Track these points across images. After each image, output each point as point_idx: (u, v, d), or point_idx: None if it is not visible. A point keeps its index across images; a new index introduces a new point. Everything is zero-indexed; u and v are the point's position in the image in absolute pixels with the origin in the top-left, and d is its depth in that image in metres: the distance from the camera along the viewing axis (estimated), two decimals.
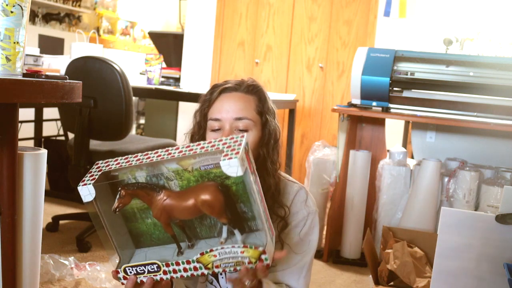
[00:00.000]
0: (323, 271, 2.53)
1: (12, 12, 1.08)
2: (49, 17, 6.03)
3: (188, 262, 0.97)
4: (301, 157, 4.25)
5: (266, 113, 1.22)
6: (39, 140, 3.77)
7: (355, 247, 2.69)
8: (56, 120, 4.06)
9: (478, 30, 3.84)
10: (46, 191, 1.39)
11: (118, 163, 0.98)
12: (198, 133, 1.23)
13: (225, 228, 0.98)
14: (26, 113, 3.50)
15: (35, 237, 1.34)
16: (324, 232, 2.80)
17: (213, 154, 0.92)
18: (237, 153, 0.88)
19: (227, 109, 1.18)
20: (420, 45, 3.82)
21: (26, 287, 1.32)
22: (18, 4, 1.09)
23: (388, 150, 2.82)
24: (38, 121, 3.80)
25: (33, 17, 5.73)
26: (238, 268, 0.96)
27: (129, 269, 1.01)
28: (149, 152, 0.98)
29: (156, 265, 0.99)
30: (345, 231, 2.70)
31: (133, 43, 7.23)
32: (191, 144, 0.96)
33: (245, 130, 1.18)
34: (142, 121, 6.08)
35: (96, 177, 0.96)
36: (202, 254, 0.96)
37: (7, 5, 1.08)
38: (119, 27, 7.11)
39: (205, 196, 0.92)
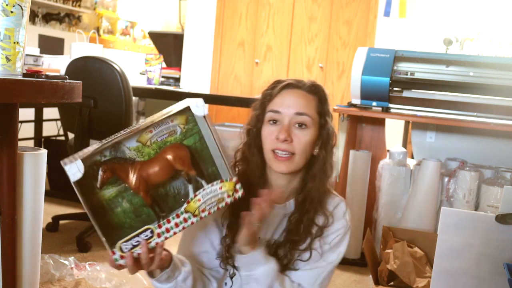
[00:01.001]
0: None
1: (12, 12, 1.08)
2: (49, 17, 6.03)
3: (178, 216, 1.04)
4: None
5: (326, 115, 1.22)
6: (39, 140, 3.77)
7: (355, 247, 2.68)
8: (56, 120, 4.06)
9: (478, 30, 3.84)
10: (46, 191, 1.38)
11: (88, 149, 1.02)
12: (256, 126, 1.22)
13: (190, 188, 1.04)
14: (26, 113, 3.49)
15: (35, 237, 1.34)
16: None
17: (166, 124, 1.01)
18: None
19: (289, 104, 1.19)
20: (420, 45, 3.82)
21: (26, 287, 1.32)
22: (18, 4, 1.09)
23: (388, 150, 2.82)
24: (38, 121, 3.80)
25: (33, 17, 5.73)
26: (220, 206, 1.06)
27: (124, 245, 1.03)
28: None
29: (150, 230, 1.03)
30: None
31: (133, 43, 7.23)
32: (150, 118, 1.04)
33: (303, 127, 1.18)
34: (142, 121, 6.07)
35: (78, 156, 0.99)
36: (188, 202, 1.04)
37: (7, 5, 1.08)
38: (119, 27, 7.11)
39: (175, 152, 1.03)
